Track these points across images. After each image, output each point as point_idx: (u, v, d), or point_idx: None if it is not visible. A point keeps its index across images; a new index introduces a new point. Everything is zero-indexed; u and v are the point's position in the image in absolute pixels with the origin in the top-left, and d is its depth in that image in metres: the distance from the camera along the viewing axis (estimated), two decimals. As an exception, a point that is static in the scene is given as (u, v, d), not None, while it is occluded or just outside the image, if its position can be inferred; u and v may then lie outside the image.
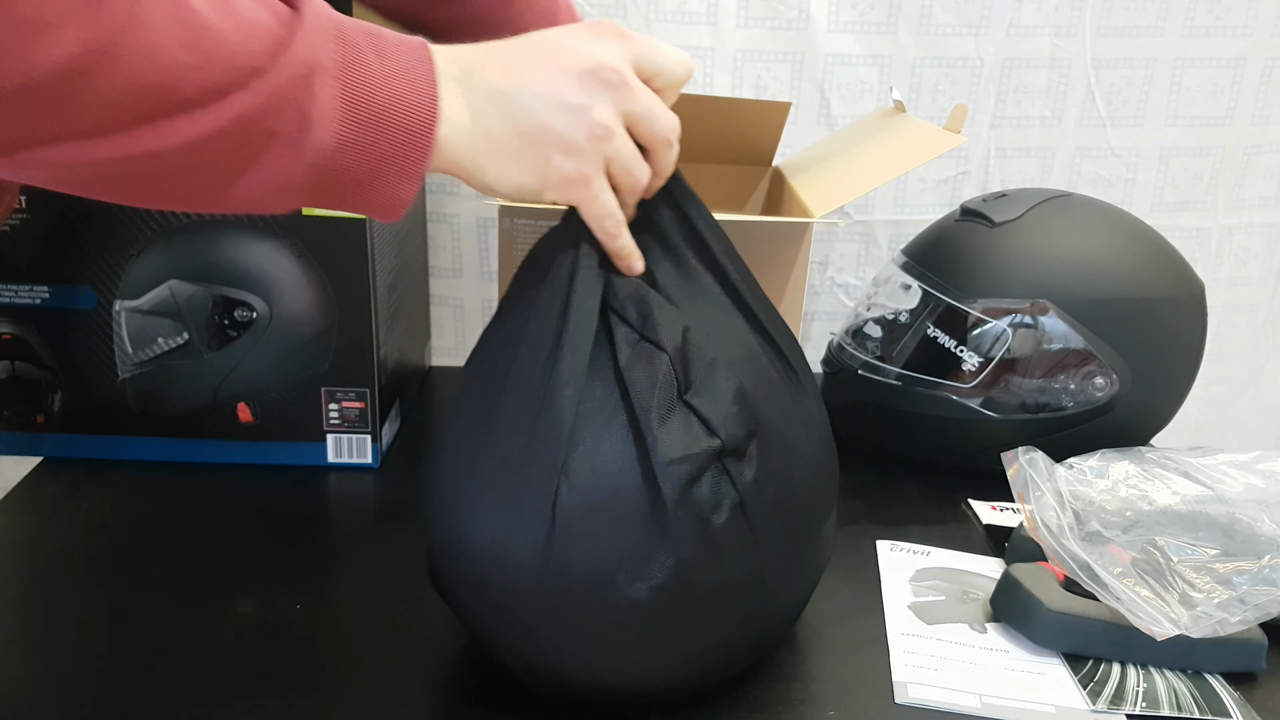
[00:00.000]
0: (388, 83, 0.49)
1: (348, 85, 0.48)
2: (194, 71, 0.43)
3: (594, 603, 0.56)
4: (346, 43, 0.48)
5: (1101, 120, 1.21)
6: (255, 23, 0.45)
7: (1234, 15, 1.18)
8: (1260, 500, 0.77)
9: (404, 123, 0.49)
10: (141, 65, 0.42)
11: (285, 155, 0.47)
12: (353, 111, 0.48)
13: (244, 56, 0.44)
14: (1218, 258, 1.29)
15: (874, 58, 1.16)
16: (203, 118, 0.44)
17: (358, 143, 0.48)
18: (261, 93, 0.45)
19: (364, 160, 0.49)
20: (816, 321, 1.28)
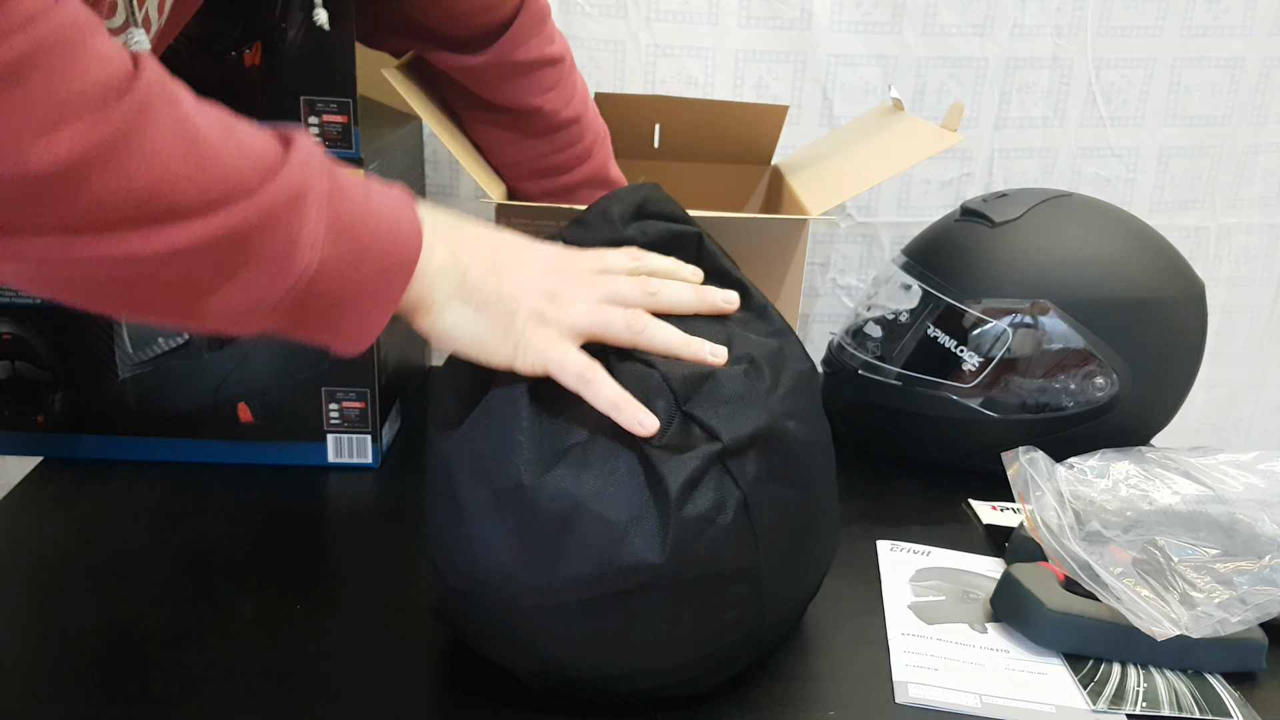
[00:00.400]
0: (373, 213, 0.51)
1: (335, 214, 0.49)
2: (189, 183, 0.44)
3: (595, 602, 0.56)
4: (335, 176, 0.50)
5: (1102, 120, 1.21)
6: (252, 146, 0.47)
7: (1232, 15, 1.18)
8: (1261, 500, 0.77)
9: (388, 249, 0.52)
10: (140, 170, 0.43)
11: (266, 275, 0.48)
12: (337, 237, 0.49)
13: (239, 175, 0.46)
14: (1216, 257, 1.29)
15: (878, 58, 1.16)
16: (192, 228, 0.45)
17: (339, 267, 0.49)
18: (253, 211, 0.46)
19: (342, 286, 0.50)
20: (818, 323, 1.27)
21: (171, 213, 0.44)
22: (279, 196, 0.47)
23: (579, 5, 1.13)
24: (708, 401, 0.57)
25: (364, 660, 0.65)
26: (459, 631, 0.64)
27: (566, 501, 0.54)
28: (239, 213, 0.45)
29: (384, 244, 0.51)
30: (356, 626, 0.69)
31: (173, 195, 0.44)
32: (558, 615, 0.56)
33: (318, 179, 0.49)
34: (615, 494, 0.55)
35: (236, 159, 0.46)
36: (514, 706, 0.61)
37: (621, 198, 0.66)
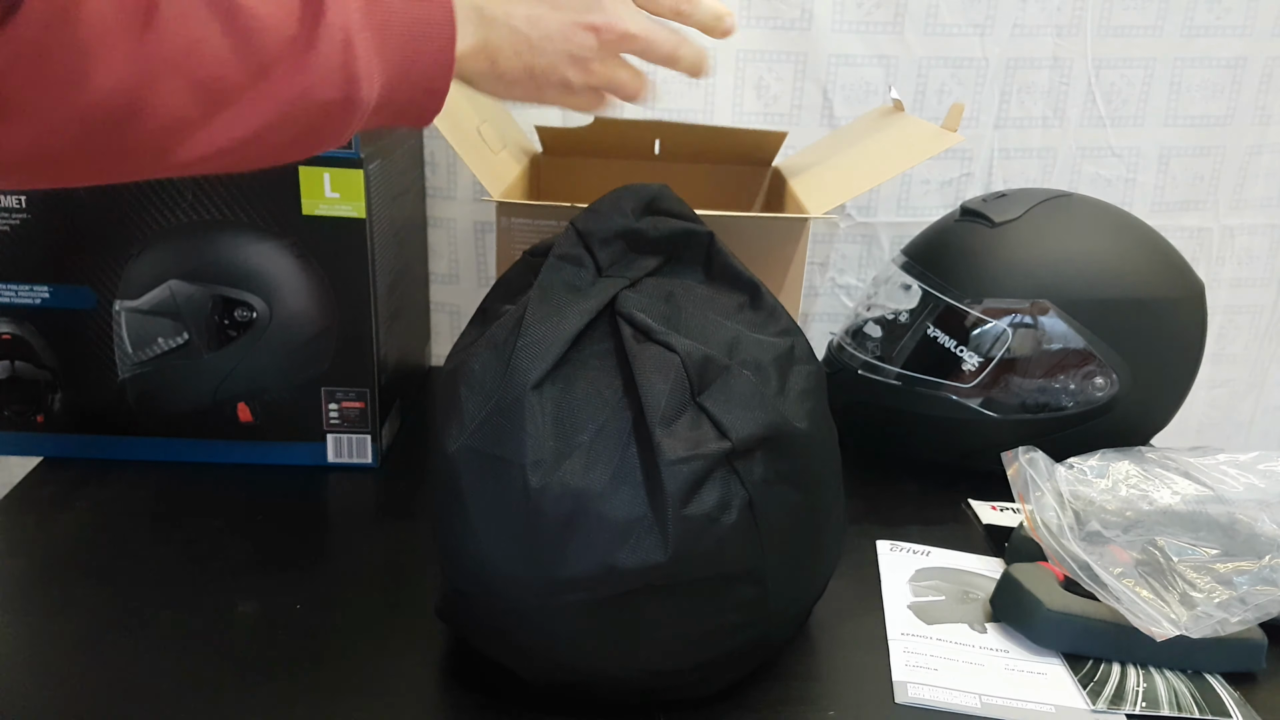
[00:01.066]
0: (409, 17, 0.50)
1: (379, 33, 0.49)
2: (237, 59, 0.43)
3: (599, 603, 0.56)
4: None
5: (1102, 120, 1.21)
6: None
7: (1233, 15, 1.18)
8: (1261, 500, 0.77)
9: (429, 55, 0.51)
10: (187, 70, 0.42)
11: (334, 121, 0.48)
12: (386, 54, 0.49)
13: (283, 33, 0.45)
14: (1219, 258, 1.29)
15: (879, 58, 1.15)
16: (253, 108, 0.45)
17: (392, 88, 0.50)
18: (309, 71, 0.46)
19: (398, 98, 0.51)
20: (818, 323, 1.27)
21: (228, 97, 0.43)
22: (328, 44, 0.46)
23: (579, 5, 1.13)
24: (721, 396, 0.57)
25: (365, 660, 0.65)
26: (463, 632, 0.64)
27: (571, 502, 0.54)
28: (296, 77, 0.45)
29: (426, 52, 0.51)
30: (357, 626, 0.69)
31: (224, 79, 0.43)
32: (562, 616, 0.56)
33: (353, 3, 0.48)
34: (620, 493, 0.55)
35: (277, 17, 0.44)
36: (517, 707, 0.61)
37: (633, 191, 0.67)
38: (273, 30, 0.44)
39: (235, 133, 0.45)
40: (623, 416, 0.57)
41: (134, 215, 0.84)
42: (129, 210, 0.83)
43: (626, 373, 0.58)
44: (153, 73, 0.41)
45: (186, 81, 0.42)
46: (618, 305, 0.61)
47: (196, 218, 0.84)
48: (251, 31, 0.43)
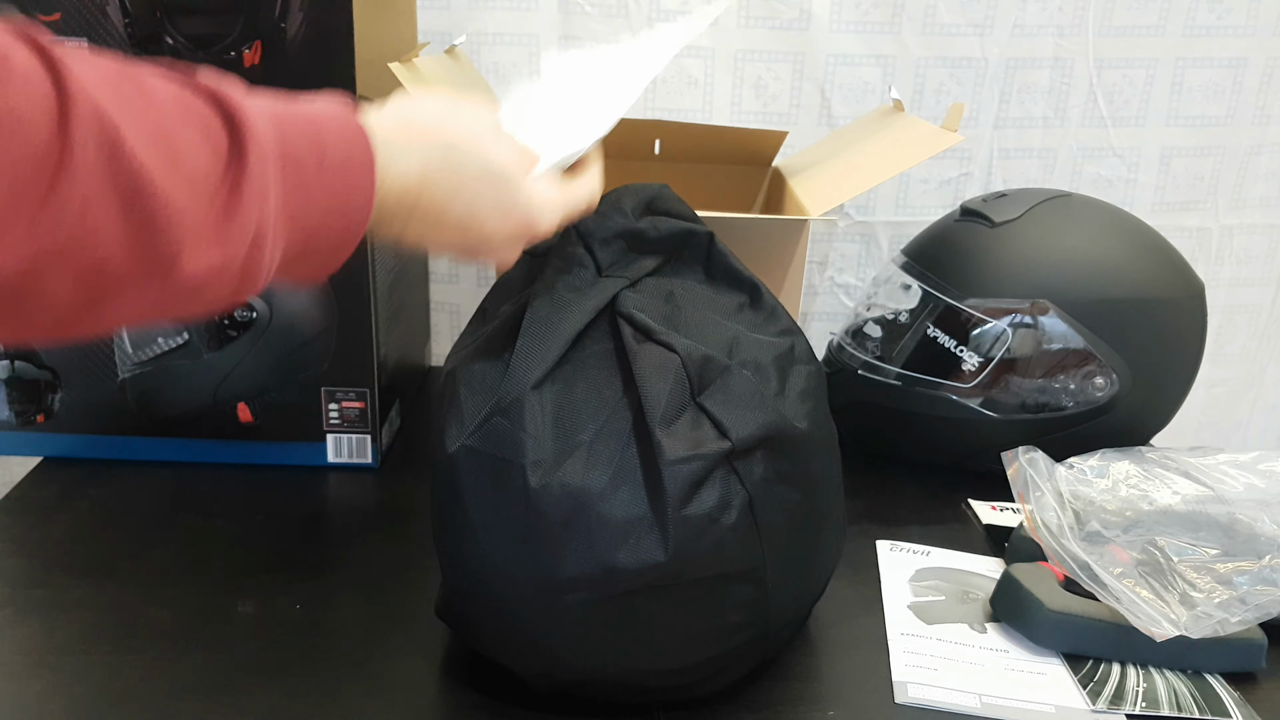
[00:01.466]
0: (329, 196, 0.46)
1: (292, 218, 0.45)
2: (133, 247, 0.37)
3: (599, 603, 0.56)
4: (289, 163, 0.44)
5: (1103, 120, 1.21)
6: (199, 168, 0.40)
7: (1235, 15, 1.18)
8: (1261, 500, 0.77)
9: (339, 231, 0.48)
10: (81, 256, 0.36)
11: (225, 304, 0.44)
12: (292, 235, 0.45)
13: (190, 222, 0.39)
14: (1218, 258, 1.29)
15: (877, 58, 1.15)
16: (142, 297, 0.39)
17: (293, 256, 0.46)
18: (207, 262, 0.40)
19: (295, 269, 0.48)
20: (816, 322, 1.27)
21: (118, 287, 0.38)
22: (237, 243, 0.41)
23: (579, 5, 1.13)
24: (721, 396, 0.57)
25: (365, 660, 0.65)
26: (463, 632, 0.64)
27: (571, 502, 0.54)
28: (193, 266, 0.39)
29: (336, 228, 0.47)
30: (357, 626, 0.69)
31: (117, 269, 0.37)
32: (562, 616, 0.56)
33: (273, 185, 0.43)
34: (619, 494, 0.55)
35: (186, 197, 0.39)
36: (517, 707, 0.61)
37: (634, 191, 0.67)
38: (178, 220, 0.38)
39: (126, 316, 0.40)
40: (623, 416, 0.57)
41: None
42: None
43: (626, 372, 0.58)
44: (41, 258, 0.35)
45: (74, 270, 0.36)
46: (618, 305, 0.61)
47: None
48: (155, 223, 0.38)
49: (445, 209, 0.53)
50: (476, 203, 0.54)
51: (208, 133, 0.40)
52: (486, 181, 0.54)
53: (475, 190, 0.54)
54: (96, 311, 0.39)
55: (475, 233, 0.55)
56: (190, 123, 0.40)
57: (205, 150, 0.40)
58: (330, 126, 0.47)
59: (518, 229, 0.56)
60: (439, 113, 0.55)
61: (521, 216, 0.55)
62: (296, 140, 0.45)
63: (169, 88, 0.40)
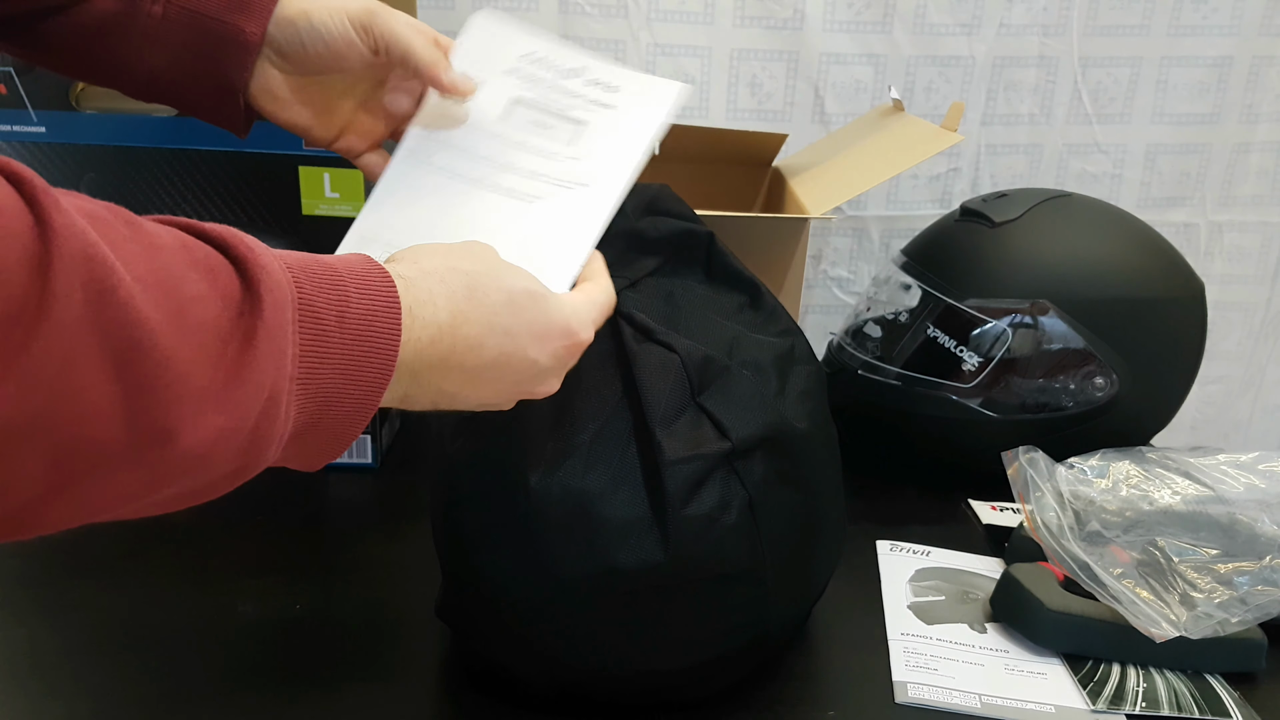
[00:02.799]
0: (347, 363, 0.41)
1: (306, 388, 0.39)
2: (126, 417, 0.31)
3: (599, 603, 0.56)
4: (307, 317, 0.39)
5: (1088, 118, 1.23)
6: (205, 322, 0.34)
7: (1220, 15, 1.19)
8: (1261, 500, 0.77)
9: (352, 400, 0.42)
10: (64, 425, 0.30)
11: (225, 486, 0.39)
12: (303, 401, 0.39)
13: (194, 388, 0.33)
14: (1208, 254, 1.30)
15: (869, 57, 1.17)
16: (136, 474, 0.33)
17: (302, 430, 0.40)
18: (212, 427, 0.34)
19: (301, 445, 0.41)
20: (810, 315, 1.29)
21: (102, 465, 0.32)
22: (248, 408, 0.35)
23: (579, 5, 1.14)
24: (721, 396, 0.57)
25: (365, 661, 0.65)
26: (463, 632, 0.64)
27: (571, 502, 0.54)
28: (195, 436, 0.33)
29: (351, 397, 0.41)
30: (357, 627, 0.69)
31: (102, 442, 0.31)
32: (562, 616, 0.56)
33: (288, 345, 0.37)
34: (619, 494, 0.55)
35: (191, 354, 0.33)
36: (517, 707, 0.61)
37: (634, 191, 0.67)
38: (180, 382, 0.33)
39: (95, 504, 0.33)
40: (623, 417, 0.57)
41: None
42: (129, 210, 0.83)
43: (627, 373, 0.58)
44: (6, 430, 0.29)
45: (47, 445, 0.30)
46: (618, 305, 0.60)
47: (196, 218, 0.84)
48: (153, 386, 0.32)
49: (481, 346, 0.47)
50: (513, 331, 0.48)
51: (215, 278, 0.35)
52: (516, 306, 0.49)
53: (510, 317, 0.48)
54: (68, 495, 0.32)
55: (517, 366, 0.49)
56: (196, 267, 0.35)
57: (213, 298, 0.35)
58: (352, 274, 0.42)
59: (561, 349, 0.51)
60: (446, 250, 0.50)
61: (560, 333, 0.50)
62: (315, 289, 0.40)
63: (171, 231, 0.36)
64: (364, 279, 0.42)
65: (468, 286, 0.47)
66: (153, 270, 0.33)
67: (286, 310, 0.37)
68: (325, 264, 0.41)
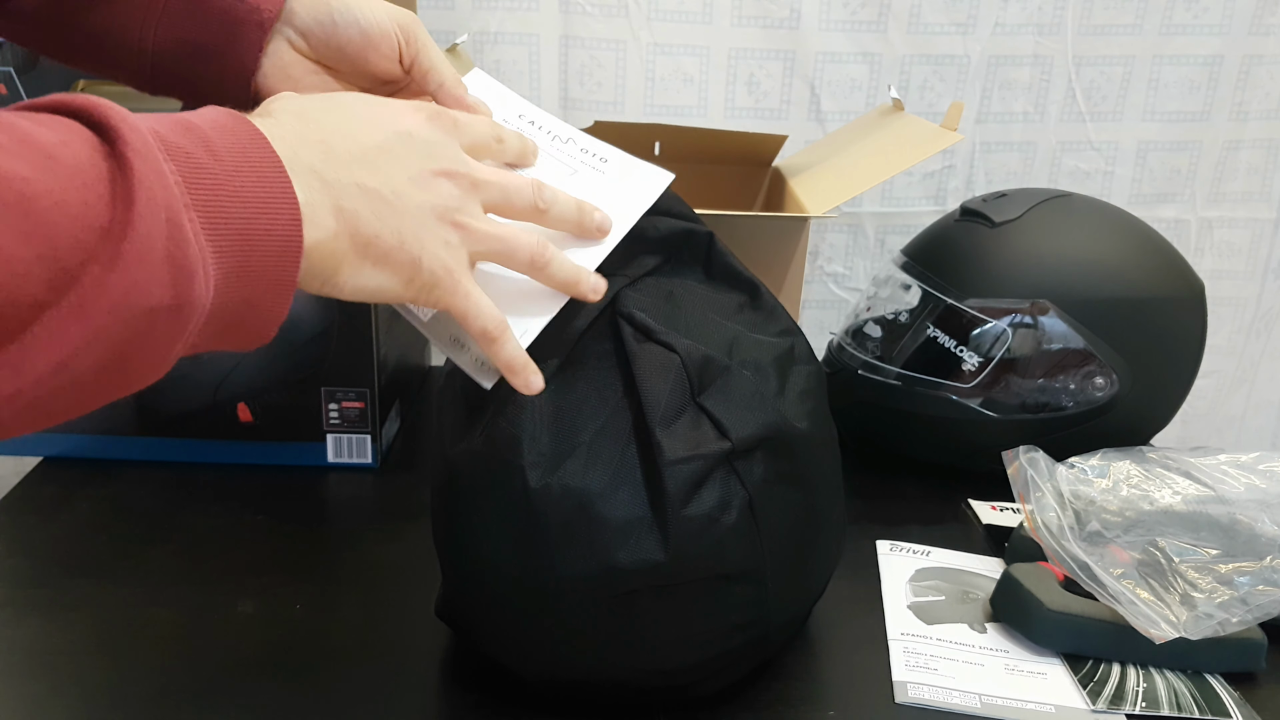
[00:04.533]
0: (239, 189, 0.40)
1: (206, 210, 0.38)
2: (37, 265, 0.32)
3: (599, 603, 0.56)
4: (175, 153, 0.38)
5: (1082, 116, 1.24)
6: (81, 166, 0.34)
7: (1211, 14, 1.21)
8: (1261, 501, 0.77)
9: (270, 233, 0.41)
10: None
11: (166, 331, 0.38)
12: (218, 240, 0.38)
13: (89, 220, 0.34)
14: (1198, 250, 1.32)
15: (864, 56, 1.19)
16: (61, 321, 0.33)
17: (231, 275, 0.39)
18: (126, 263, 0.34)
19: (233, 298, 0.40)
20: (807, 309, 1.30)
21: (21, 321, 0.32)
22: (150, 229, 0.35)
23: (579, 5, 1.14)
24: (721, 396, 0.57)
25: (365, 660, 0.65)
26: (463, 632, 0.64)
27: (571, 502, 0.54)
28: (110, 277, 0.34)
29: (262, 228, 0.40)
30: (357, 626, 0.69)
31: (21, 290, 0.32)
32: (562, 616, 0.56)
33: (166, 174, 0.37)
34: (619, 494, 0.55)
35: (76, 196, 0.33)
36: (517, 707, 0.61)
37: None
38: (75, 220, 0.33)
39: (28, 371, 0.33)
40: (623, 416, 0.57)
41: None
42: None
43: (626, 372, 0.58)
44: None
45: None
46: (618, 304, 0.60)
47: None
48: (49, 225, 0.32)
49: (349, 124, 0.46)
50: (367, 112, 0.47)
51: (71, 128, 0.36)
52: (359, 100, 0.48)
53: (358, 105, 0.48)
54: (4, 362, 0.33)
55: (400, 138, 0.47)
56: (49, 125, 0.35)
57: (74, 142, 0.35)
58: (203, 122, 0.40)
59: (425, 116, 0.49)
60: (320, 100, 0.48)
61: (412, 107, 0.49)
62: (168, 129, 0.38)
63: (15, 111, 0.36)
64: (220, 126, 0.41)
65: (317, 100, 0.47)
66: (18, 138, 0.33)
67: (149, 140, 0.36)
68: (173, 116, 0.40)
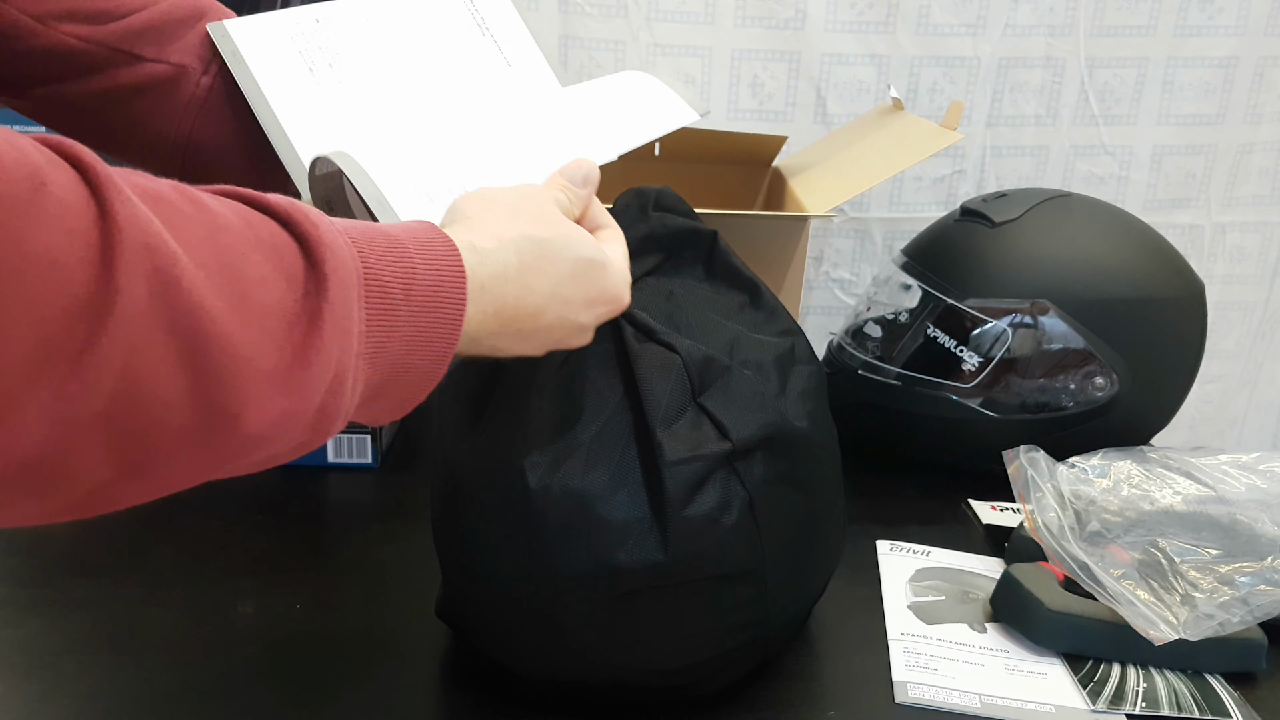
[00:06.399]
0: (416, 333, 0.41)
1: (375, 355, 0.39)
2: (193, 407, 0.32)
3: (599, 603, 0.56)
4: (373, 289, 0.38)
5: (1095, 119, 1.22)
6: (271, 304, 0.34)
7: (1226, 15, 1.19)
8: (1261, 501, 0.77)
9: (420, 368, 0.42)
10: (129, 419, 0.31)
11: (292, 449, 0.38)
12: (373, 369, 0.39)
13: (261, 370, 0.33)
14: (1211, 255, 1.30)
15: (871, 57, 1.17)
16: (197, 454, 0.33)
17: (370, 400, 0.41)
18: (277, 409, 0.34)
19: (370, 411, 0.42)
20: (812, 316, 1.29)
21: (168, 451, 0.32)
22: (315, 385, 0.35)
23: (579, 5, 1.13)
24: (722, 396, 0.57)
25: (365, 660, 0.65)
26: (463, 632, 0.64)
27: (571, 502, 0.54)
28: (260, 419, 0.34)
29: (417, 364, 0.42)
30: (357, 626, 0.69)
31: (168, 430, 0.32)
32: (562, 616, 0.56)
33: (354, 319, 0.37)
34: (619, 494, 0.55)
35: (253, 342, 0.33)
36: (517, 707, 0.61)
37: (641, 191, 0.68)
38: (245, 368, 0.33)
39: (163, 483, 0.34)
40: (623, 416, 0.57)
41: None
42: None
43: (627, 372, 0.58)
44: (74, 424, 0.29)
45: (115, 434, 0.30)
46: None
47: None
48: (218, 374, 0.32)
49: (541, 312, 0.48)
50: (571, 299, 0.49)
51: (280, 258, 0.35)
52: (578, 276, 0.49)
53: (571, 288, 0.49)
54: (138, 481, 0.33)
55: (566, 327, 0.50)
56: (259, 247, 0.35)
57: (277, 279, 0.34)
58: (416, 244, 0.42)
59: (605, 312, 0.52)
60: (516, 205, 0.50)
61: (610, 299, 0.51)
62: (380, 261, 0.39)
63: (235, 208, 0.35)
64: (428, 248, 0.42)
65: (538, 258, 0.48)
66: (216, 253, 0.33)
67: (352, 289, 0.37)
68: (388, 235, 0.41)
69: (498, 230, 0.47)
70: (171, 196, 0.33)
